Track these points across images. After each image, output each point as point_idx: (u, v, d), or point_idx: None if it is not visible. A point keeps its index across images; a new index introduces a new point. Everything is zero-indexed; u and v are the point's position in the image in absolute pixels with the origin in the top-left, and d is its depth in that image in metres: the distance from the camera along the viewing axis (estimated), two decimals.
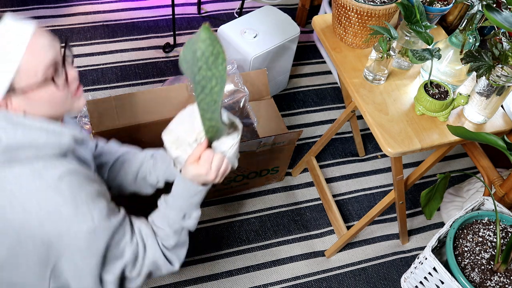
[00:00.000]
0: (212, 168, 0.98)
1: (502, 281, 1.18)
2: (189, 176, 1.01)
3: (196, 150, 0.99)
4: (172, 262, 1.08)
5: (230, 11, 2.57)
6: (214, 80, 0.80)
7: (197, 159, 0.99)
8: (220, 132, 0.95)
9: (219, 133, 0.95)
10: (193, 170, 0.99)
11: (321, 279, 1.73)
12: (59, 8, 2.45)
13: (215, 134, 0.96)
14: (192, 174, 1.00)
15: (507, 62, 1.17)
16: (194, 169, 0.99)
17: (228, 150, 1.00)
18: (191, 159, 0.99)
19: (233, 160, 1.04)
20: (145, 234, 1.03)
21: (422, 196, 1.40)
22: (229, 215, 1.84)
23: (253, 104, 1.87)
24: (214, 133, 0.95)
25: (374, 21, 1.35)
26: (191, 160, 0.99)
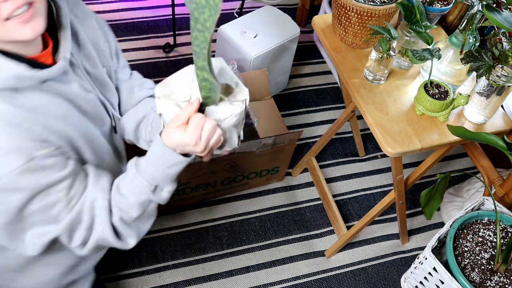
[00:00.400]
0: (202, 138, 0.82)
1: (502, 281, 1.18)
2: (170, 143, 0.85)
3: (185, 111, 0.82)
4: (125, 238, 0.96)
5: (230, 11, 2.57)
6: (207, 10, 0.67)
7: (184, 122, 0.83)
8: (215, 91, 0.79)
9: (214, 93, 0.80)
10: (177, 136, 0.83)
11: (321, 279, 1.73)
12: None
13: (209, 94, 0.80)
14: (175, 140, 0.84)
15: (507, 62, 1.17)
16: (179, 135, 0.83)
17: (225, 120, 0.84)
18: (177, 122, 0.83)
19: (230, 135, 0.88)
20: (98, 206, 0.91)
21: (422, 196, 1.40)
22: (229, 215, 1.84)
23: (253, 104, 1.87)
24: (208, 92, 0.79)
25: (374, 21, 1.35)
26: (177, 123, 0.83)
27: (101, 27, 1.06)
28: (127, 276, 1.64)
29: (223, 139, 0.87)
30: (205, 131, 0.82)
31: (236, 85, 0.86)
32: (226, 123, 0.85)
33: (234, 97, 0.85)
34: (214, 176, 1.72)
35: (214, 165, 1.66)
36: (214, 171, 1.70)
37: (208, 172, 1.69)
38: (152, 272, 1.66)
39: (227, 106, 0.83)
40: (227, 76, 0.86)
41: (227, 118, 0.84)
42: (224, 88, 0.85)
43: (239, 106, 0.84)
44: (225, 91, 0.85)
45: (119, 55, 1.14)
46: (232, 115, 0.84)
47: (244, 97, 0.86)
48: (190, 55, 2.34)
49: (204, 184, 1.74)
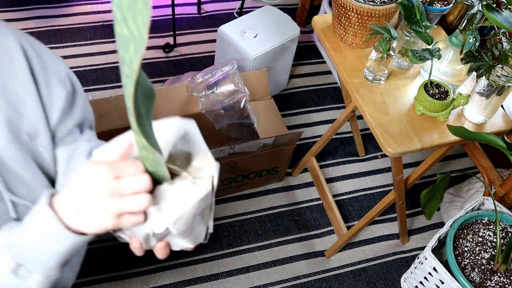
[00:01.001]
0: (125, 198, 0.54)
1: (502, 281, 1.18)
2: (61, 196, 0.57)
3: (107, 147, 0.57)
4: None
5: (230, 11, 2.57)
6: (131, 46, 0.47)
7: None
8: (159, 164, 0.56)
9: (159, 167, 0.56)
10: (74, 179, 0.56)
11: (321, 279, 1.73)
12: (59, 8, 2.45)
13: (155, 169, 0.57)
14: (68, 189, 0.56)
15: (507, 62, 1.16)
16: (77, 176, 0.55)
17: (183, 205, 0.58)
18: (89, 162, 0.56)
19: (192, 226, 0.61)
20: None
21: (422, 196, 1.40)
22: (229, 215, 1.84)
23: (253, 104, 1.87)
24: (152, 166, 0.56)
25: (374, 21, 1.35)
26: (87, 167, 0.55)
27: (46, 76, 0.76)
28: (127, 276, 1.64)
29: (179, 233, 0.59)
30: (136, 173, 0.54)
31: (205, 157, 0.63)
32: (183, 211, 0.58)
33: (199, 171, 0.61)
34: None
35: None
36: None
37: None
38: (152, 272, 1.66)
39: (187, 185, 0.59)
40: (193, 143, 0.63)
41: (185, 204, 0.58)
42: (186, 158, 0.62)
43: (203, 187, 0.59)
44: (187, 163, 0.62)
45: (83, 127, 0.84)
46: (192, 201, 0.58)
47: (212, 173, 0.61)
48: (190, 55, 2.34)
49: None
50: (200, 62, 2.31)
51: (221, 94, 1.79)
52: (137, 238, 0.62)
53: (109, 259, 1.67)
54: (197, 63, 2.31)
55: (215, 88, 1.78)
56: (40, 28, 2.33)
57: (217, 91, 1.78)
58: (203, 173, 0.61)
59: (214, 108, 1.78)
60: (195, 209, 0.60)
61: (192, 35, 2.42)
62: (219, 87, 1.79)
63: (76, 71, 2.20)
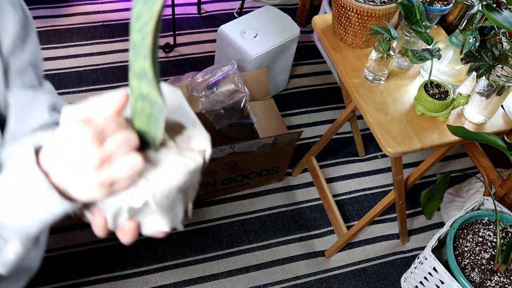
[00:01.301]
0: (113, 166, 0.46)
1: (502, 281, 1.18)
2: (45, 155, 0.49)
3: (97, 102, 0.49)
4: None
5: (230, 11, 2.57)
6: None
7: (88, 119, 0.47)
8: (156, 121, 0.49)
9: (154, 124, 0.49)
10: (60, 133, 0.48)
11: (321, 279, 1.73)
12: (59, 8, 2.45)
13: (147, 127, 0.50)
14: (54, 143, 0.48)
15: (507, 62, 1.16)
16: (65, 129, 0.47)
17: (167, 178, 0.50)
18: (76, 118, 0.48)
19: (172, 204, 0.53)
20: None
21: (422, 196, 1.40)
22: (229, 215, 1.84)
23: (253, 104, 1.87)
24: (145, 122, 0.50)
25: (374, 21, 1.35)
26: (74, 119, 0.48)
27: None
28: (127, 276, 1.64)
29: (159, 209, 0.52)
30: (120, 135, 0.46)
31: (194, 128, 0.55)
32: (168, 185, 0.50)
33: (188, 143, 0.54)
34: (214, 176, 1.73)
35: (214, 165, 1.66)
36: (214, 171, 1.70)
37: (208, 172, 1.69)
38: (152, 272, 1.66)
39: (174, 156, 0.51)
40: (181, 113, 0.56)
41: (171, 175, 0.51)
42: (174, 129, 0.55)
43: (193, 160, 0.52)
44: (175, 134, 0.55)
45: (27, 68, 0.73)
46: (179, 173, 0.51)
47: (203, 147, 0.54)
48: (190, 55, 2.34)
49: (204, 184, 1.74)
50: (200, 62, 2.31)
51: (221, 94, 1.79)
52: (103, 214, 0.52)
53: (109, 259, 1.67)
54: (197, 63, 2.31)
55: (215, 88, 1.78)
56: (40, 28, 2.33)
57: (217, 91, 1.78)
58: (193, 145, 0.54)
59: (214, 108, 1.78)
60: (181, 183, 0.52)
61: (192, 35, 2.43)
62: (219, 87, 1.79)
63: (76, 71, 2.20)
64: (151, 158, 0.50)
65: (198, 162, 0.52)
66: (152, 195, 0.50)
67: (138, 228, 0.54)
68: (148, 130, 0.50)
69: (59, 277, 1.61)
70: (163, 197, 0.51)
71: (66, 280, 1.61)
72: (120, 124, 0.47)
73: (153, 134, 0.50)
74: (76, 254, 1.67)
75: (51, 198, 0.49)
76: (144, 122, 0.49)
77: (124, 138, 0.46)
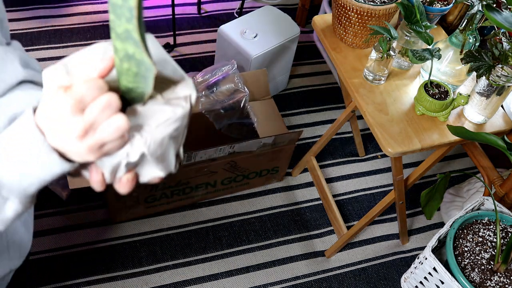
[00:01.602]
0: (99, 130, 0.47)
1: (502, 281, 1.18)
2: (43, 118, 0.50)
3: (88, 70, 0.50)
4: None
5: (230, 11, 2.57)
6: None
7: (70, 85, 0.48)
8: (145, 79, 0.49)
9: (142, 82, 0.50)
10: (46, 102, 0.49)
11: (321, 279, 1.73)
12: (59, 8, 2.45)
13: (134, 85, 0.51)
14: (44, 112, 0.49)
15: (507, 62, 1.17)
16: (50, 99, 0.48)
17: (158, 127, 0.53)
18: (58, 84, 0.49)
19: (164, 152, 0.56)
20: None
21: (422, 196, 1.40)
22: (229, 215, 1.84)
23: (253, 104, 1.87)
24: (132, 81, 0.50)
25: (374, 21, 1.35)
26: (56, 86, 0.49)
27: None
28: (127, 276, 1.64)
29: (154, 158, 0.54)
30: (100, 100, 0.47)
31: (176, 76, 0.56)
32: (160, 135, 0.53)
33: (173, 92, 0.55)
34: (214, 176, 1.73)
35: (214, 165, 1.66)
36: (214, 171, 1.70)
37: (208, 172, 1.69)
38: (152, 272, 1.66)
39: (162, 106, 0.53)
40: (167, 67, 0.55)
41: (161, 124, 0.53)
42: (158, 80, 0.55)
43: (180, 106, 0.54)
44: (159, 85, 0.55)
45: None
46: (169, 121, 0.53)
47: (188, 92, 0.55)
48: (190, 55, 2.34)
49: (204, 184, 1.74)
50: (200, 62, 2.31)
51: (221, 94, 1.79)
52: (99, 171, 0.54)
53: (109, 259, 1.67)
54: (197, 63, 2.31)
55: (215, 88, 1.78)
56: (40, 28, 2.33)
57: (217, 91, 1.78)
58: (178, 93, 0.55)
59: (214, 108, 1.78)
60: (172, 131, 0.54)
61: (192, 35, 2.43)
62: (219, 87, 1.79)
63: None
64: (141, 112, 0.52)
65: (185, 108, 0.54)
66: (146, 147, 0.52)
67: (136, 178, 0.56)
68: (137, 87, 0.50)
69: (59, 277, 1.61)
70: (157, 147, 0.53)
71: (66, 280, 1.61)
72: (100, 88, 0.47)
73: (142, 90, 0.51)
74: (76, 254, 1.67)
75: (50, 159, 0.51)
76: (132, 81, 0.50)
77: (105, 103, 0.47)
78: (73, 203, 1.77)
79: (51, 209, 1.75)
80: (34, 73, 0.74)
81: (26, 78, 0.72)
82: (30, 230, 0.93)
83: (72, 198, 1.78)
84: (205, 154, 1.58)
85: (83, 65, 0.52)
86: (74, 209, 1.77)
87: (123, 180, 0.56)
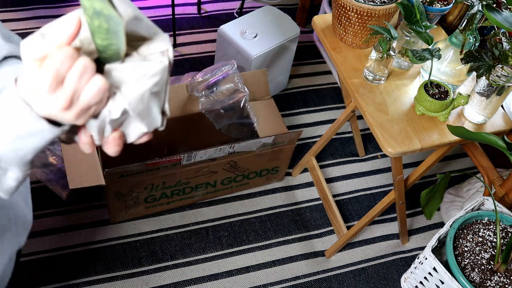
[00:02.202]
0: (67, 82, 0.49)
1: (502, 281, 1.18)
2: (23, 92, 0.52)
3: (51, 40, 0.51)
4: None
5: (230, 11, 2.57)
6: None
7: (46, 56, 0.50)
8: (116, 34, 0.50)
9: (115, 38, 0.50)
10: (27, 76, 0.51)
11: (321, 279, 1.73)
12: (59, 8, 2.45)
13: (107, 42, 0.51)
14: (26, 85, 0.51)
15: (507, 62, 1.17)
16: (30, 73, 0.50)
17: (137, 84, 0.54)
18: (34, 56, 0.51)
19: (147, 108, 0.56)
20: None
21: (422, 196, 1.40)
22: (229, 215, 1.84)
23: (253, 104, 1.87)
24: (105, 38, 0.51)
25: (374, 21, 1.35)
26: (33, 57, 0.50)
27: None
28: (127, 276, 1.64)
29: (137, 114, 0.56)
30: (75, 69, 0.48)
31: (152, 33, 0.57)
32: (139, 89, 0.54)
33: (148, 49, 0.56)
34: (214, 176, 1.73)
35: (214, 165, 1.66)
36: (214, 171, 1.70)
37: (208, 172, 1.69)
38: (152, 272, 1.66)
39: (139, 62, 0.54)
40: (141, 25, 0.56)
41: (140, 80, 0.54)
42: (134, 39, 0.57)
43: (158, 61, 0.54)
44: (135, 43, 0.57)
45: None
46: (147, 75, 0.54)
47: (165, 47, 0.56)
48: (190, 55, 2.34)
49: (204, 184, 1.74)
50: (200, 62, 2.31)
51: (221, 94, 1.79)
52: (88, 132, 0.57)
53: (109, 259, 1.67)
54: (197, 63, 2.31)
55: (215, 88, 1.78)
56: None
57: (217, 91, 1.78)
58: (155, 49, 0.56)
59: (214, 108, 1.78)
60: (151, 85, 0.55)
61: (192, 35, 2.43)
62: (219, 87, 1.78)
63: None
64: (119, 69, 0.53)
65: (163, 63, 0.55)
66: (127, 103, 0.54)
67: (122, 137, 0.58)
68: (110, 44, 0.51)
69: (59, 277, 1.61)
70: (138, 102, 0.55)
71: (66, 280, 1.61)
72: (72, 56, 0.49)
73: (116, 47, 0.51)
74: (76, 254, 1.67)
75: (40, 127, 0.53)
76: (105, 38, 0.50)
77: (81, 69, 0.49)
78: (73, 203, 1.77)
79: (51, 209, 1.75)
80: (16, 47, 0.75)
81: (11, 53, 0.73)
82: (29, 205, 0.96)
83: (72, 198, 1.78)
84: (205, 154, 1.58)
85: (57, 31, 0.53)
86: (74, 209, 1.77)
87: (110, 139, 0.57)
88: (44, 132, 0.54)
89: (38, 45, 0.52)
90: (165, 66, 0.55)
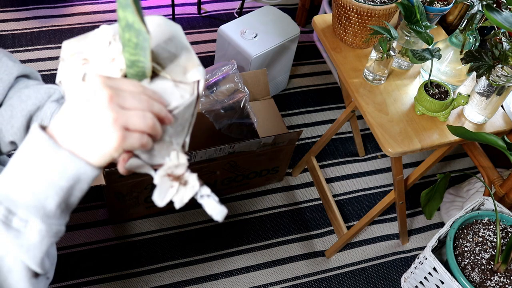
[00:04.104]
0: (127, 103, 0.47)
1: (502, 281, 1.18)
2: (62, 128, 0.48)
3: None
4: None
5: (230, 11, 2.57)
6: None
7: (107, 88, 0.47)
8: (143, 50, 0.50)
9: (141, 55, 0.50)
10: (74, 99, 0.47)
11: (321, 279, 1.73)
12: (59, 8, 2.45)
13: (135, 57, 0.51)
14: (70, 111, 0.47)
15: (507, 62, 1.17)
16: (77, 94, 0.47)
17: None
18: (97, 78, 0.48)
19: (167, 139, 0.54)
20: None
21: (422, 196, 1.40)
22: (229, 215, 1.84)
23: (253, 104, 1.87)
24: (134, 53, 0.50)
25: (374, 21, 1.35)
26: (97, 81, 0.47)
27: None
28: (127, 276, 1.64)
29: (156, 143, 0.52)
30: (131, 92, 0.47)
31: (187, 58, 0.53)
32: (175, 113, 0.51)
33: (182, 74, 0.52)
34: (214, 176, 1.73)
35: (214, 165, 1.66)
36: (214, 171, 1.70)
37: (208, 172, 1.69)
38: (152, 272, 1.66)
39: (169, 87, 0.51)
40: (176, 43, 0.54)
41: (173, 105, 0.51)
42: (168, 59, 0.54)
43: (188, 92, 0.51)
44: (168, 64, 0.54)
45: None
46: (179, 103, 0.51)
47: (197, 77, 0.53)
48: None
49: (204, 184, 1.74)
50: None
51: (221, 94, 1.79)
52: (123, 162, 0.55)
53: (109, 259, 1.67)
54: None
55: (215, 88, 1.78)
56: (40, 28, 2.33)
57: (217, 91, 1.78)
58: (188, 77, 0.52)
59: (214, 108, 1.78)
60: (176, 113, 0.51)
61: (192, 35, 2.43)
62: (219, 87, 1.78)
63: None
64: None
65: (193, 94, 0.52)
66: None
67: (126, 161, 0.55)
68: (138, 61, 0.51)
69: (59, 277, 1.61)
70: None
71: (66, 280, 1.61)
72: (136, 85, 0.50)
73: (143, 64, 0.51)
74: (76, 254, 1.67)
75: (60, 157, 0.48)
76: (133, 53, 0.50)
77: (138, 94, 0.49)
78: None
79: None
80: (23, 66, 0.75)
81: (21, 73, 0.74)
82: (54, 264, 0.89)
83: None
84: (205, 154, 1.58)
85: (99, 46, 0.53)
86: (74, 209, 1.76)
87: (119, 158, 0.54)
88: (65, 163, 0.49)
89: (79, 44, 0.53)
90: (194, 98, 0.52)
